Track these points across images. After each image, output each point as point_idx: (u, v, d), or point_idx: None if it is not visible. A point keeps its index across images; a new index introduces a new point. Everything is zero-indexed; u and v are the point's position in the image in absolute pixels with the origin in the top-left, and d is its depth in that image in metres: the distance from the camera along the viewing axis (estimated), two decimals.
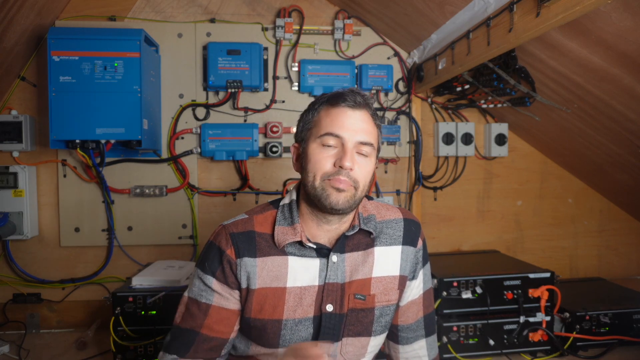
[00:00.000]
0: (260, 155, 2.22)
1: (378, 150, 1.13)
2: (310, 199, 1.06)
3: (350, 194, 1.03)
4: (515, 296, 1.79)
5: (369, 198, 1.23)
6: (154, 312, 1.73)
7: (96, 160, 1.99)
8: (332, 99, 1.07)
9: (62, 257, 2.17)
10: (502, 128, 2.41)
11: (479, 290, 1.77)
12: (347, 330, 1.12)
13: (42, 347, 1.96)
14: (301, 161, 1.10)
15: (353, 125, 1.04)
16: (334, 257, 1.09)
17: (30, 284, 2.13)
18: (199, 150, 2.18)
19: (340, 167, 1.02)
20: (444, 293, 1.76)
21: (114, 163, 2.14)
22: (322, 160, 1.04)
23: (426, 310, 1.23)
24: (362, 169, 1.05)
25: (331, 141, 1.04)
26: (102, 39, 1.84)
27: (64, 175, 2.13)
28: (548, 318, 1.79)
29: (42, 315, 2.14)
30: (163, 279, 1.81)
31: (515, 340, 1.78)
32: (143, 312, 1.73)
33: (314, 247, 1.08)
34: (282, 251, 1.09)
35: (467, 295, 1.77)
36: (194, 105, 2.20)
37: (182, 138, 2.20)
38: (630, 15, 1.30)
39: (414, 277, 1.20)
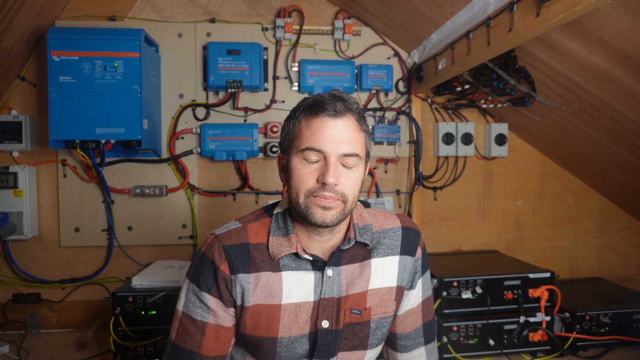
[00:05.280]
0: (260, 155, 2.22)
1: (368, 155, 1.06)
2: (298, 213, 1.02)
3: (339, 210, 0.98)
4: (515, 296, 1.79)
5: (366, 205, 1.18)
6: (154, 312, 1.74)
7: (96, 160, 2.00)
8: (312, 108, 0.99)
9: (62, 257, 2.17)
10: (502, 128, 2.41)
11: (479, 290, 1.77)
12: (343, 345, 1.09)
13: (42, 347, 1.96)
14: (286, 173, 1.05)
15: (335, 136, 0.97)
16: (329, 271, 1.05)
17: (30, 284, 2.13)
18: (199, 150, 2.18)
19: (324, 183, 0.96)
20: (444, 293, 1.76)
21: (114, 163, 2.14)
22: (304, 176, 0.98)
23: (425, 318, 1.20)
24: (348, 180, 0.99)
25: (313, 156, 0.98)
26: (102, 39, 1.84)
27: (64, 175, 2.13)
28: (548, 318, 1.79)
29: (42, 315, 2.14)
30: (163, 278, 1.82)
31: (515, 340, 1.78)
32: (143, 312, 1.73)
33: (310, 258, 1.05)
34: (276, 265, 1.05)
35: (467, 295, 1.77)
36: (194, 105, 2.20)
37: (182, 138, 2.20)
38: (630, 15, 1.30)
39: (412, 287, 1.16)
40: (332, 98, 1.00)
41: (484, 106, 2.33)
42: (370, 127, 2.23)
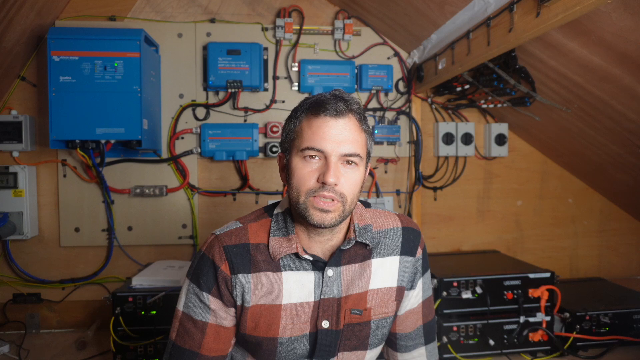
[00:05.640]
0: (260, 155, 2.22)
1: (368, 155, 1.06)
2: (297, 213, 1.02)
3: (338, 213, 0.99)
4: (515, 296, 1.79)
5: (367, 205, 1.18)
6: (154, 312, 1.74)
7: (96, 160, 2.00)
8: (313, 107, 1.00)
9: (62, 257, 2.17)
10: (502, 128, 2.41)
11: (479, 290, 1.77)
12: (343, 345, 1.09)
13: (42, 347, 1.96)
14: (286, 173, 1.05)
15: (336, 136, 0.97)
16: (329, 272, 1.06)
17: (30, 284, 2.13)
18: (199, 150, 2.18)
19: (324, 183, 0.96)
20: (444, 293, 1.76)
21: (114, 163, 2.14)
22: (305, 176, 0.98)
23: (425, 318, 1.20)
24: (348, 180, 0.99)
25: (313, 155, 0.98)
26: (102, 39, 1.84)
27: (64, 175, 2.13)
28: (548, 318, 1.79)
29: (42, 315, 2.14)
30: (163, 279, 1.82)
31: (515, 340, 1.78)
32: (143, 312, 1.73)
33: (310, 259, 1.05)
34: (276, 265, 1.05)
35: (467, 295, 1.77)
36: (194, 105, 2.20)
37: (182, 138, 2.20)
38: (630, 15, 1.30)
39: (412, 287, 1.16)
40: (333, 98, 1.00)
41: (484, 106, 2.33)
42: (370, 127, 2.24)
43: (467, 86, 2.18)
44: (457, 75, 2.06)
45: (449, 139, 2.37)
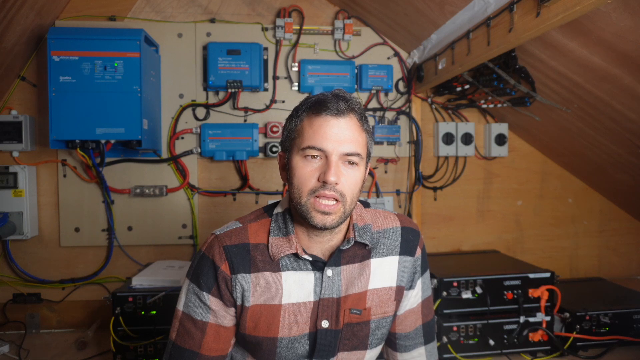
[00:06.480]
0: (260, 155, 2.22)
1: (369, 155, 1.06)
2: (299, 214, 1.03)
3: (339, 214, 0.99)
4: (515, 296, 1.79)
5: (366, 205, 1.18)
6: (154, 312, 1.74)
7: (96, 160, 2.00)
8: (315, 107, 1.00)
9: (62, 257, 2.17)
10: (502, 128, 2.41)
11: (479, 290, 1.77)
12: (343, 345, 1.09)
13: (42, 347, 1.96)
14: (287, 172, 1.05)
15: (337, 135, 0.98)
16: (328, 272, 1.06)
17: (30, 284, 2.13)
18: (199, 150, 2.18)
19: (325, 182, 0.97)
20: (444, 293, 1.76)
21: (114, 163, 2.15)
22: (305, 175, 0.99)
23: (425, 318, 1.20)
24: (349, 180, 0.99)
25: (314, 154, 0.98)
26: (102, 39, 1.84)
27: (64, 175, 2.13)
28: (548, 318, 1.79)
29: (42, 315, 2.14)
30: (163, 278, 1.82)
31: (515, 340, 1.78)
32: (143, 312, 1.73)
33: (310, 259, 1.05)
34: (276, 265, 1.05)
35: (467, 295, 1.77)
36: (194, 105, 2.20)
37: (182, 138, 2.20)
38: (630, 15, 1.30)
39: (411, 287, 1.16)
40: (334, 97, 1.00)
41: (484, 106, 2.33)
42: (371, 127, 2.24)
43: (467, 86, 2.17)
44: (457, 75, 2.06)
45: (449, 139, 2.37)
